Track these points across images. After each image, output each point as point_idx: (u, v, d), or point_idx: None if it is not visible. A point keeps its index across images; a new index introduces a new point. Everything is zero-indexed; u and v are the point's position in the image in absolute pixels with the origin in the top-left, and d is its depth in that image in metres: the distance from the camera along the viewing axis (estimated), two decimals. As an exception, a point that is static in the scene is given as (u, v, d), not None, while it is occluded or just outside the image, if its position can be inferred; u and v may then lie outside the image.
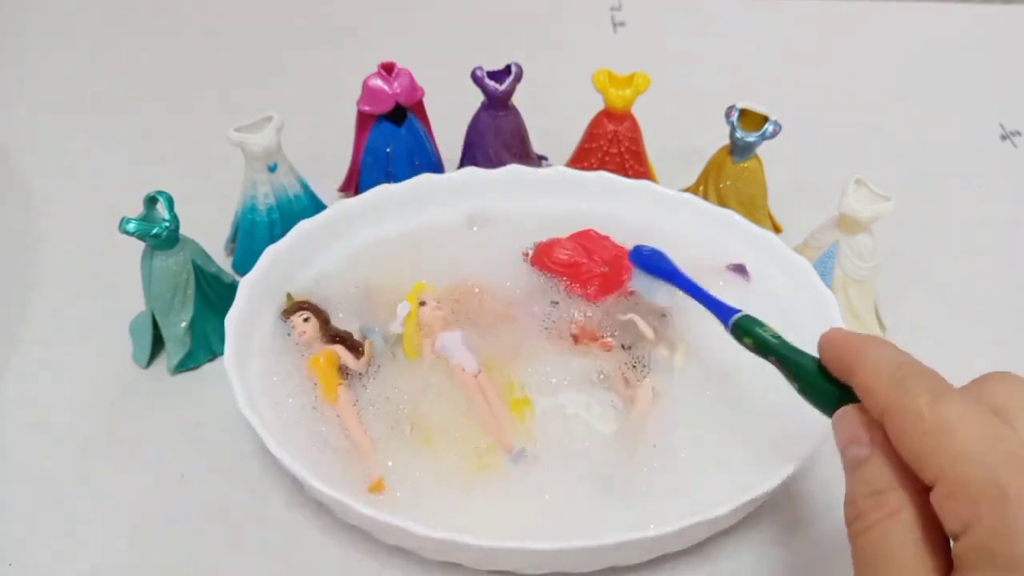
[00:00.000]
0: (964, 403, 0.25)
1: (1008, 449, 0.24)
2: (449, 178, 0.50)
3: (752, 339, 0.34)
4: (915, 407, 0.25)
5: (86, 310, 0.49)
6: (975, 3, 0.80)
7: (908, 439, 0.25)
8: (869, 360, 0.28)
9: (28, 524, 0.40)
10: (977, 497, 0.23)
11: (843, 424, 0.28)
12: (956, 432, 0.24)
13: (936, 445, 0.24)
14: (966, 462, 0.24)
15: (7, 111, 0.66)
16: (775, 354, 0.33)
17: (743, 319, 0.35)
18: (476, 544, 0.33)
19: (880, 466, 0.26)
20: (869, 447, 0.27)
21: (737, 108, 0.49)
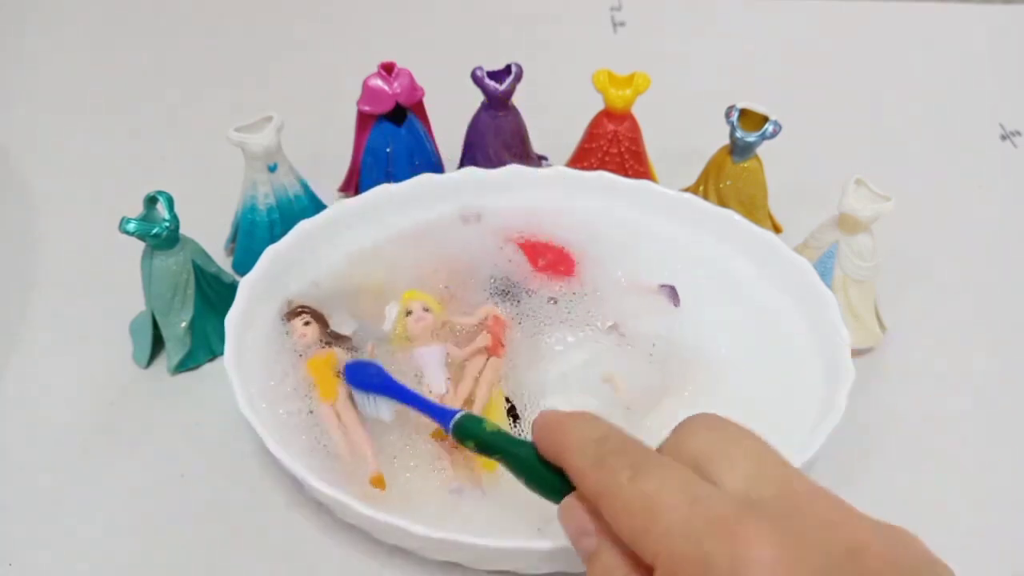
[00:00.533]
0: (662, 472, 0.25)
1: (708, 515, 0.24)
2: (449, 178, 0.50)
3: (474, 440, 0.33)
4: (618, 487, 0.25)
5: (86, 310, 0.49)
6: (975, 3, 0.80)
7: (619, 523, 0.25)
8: (573, 440, 0.28)
9: (28, 524, 0.40)
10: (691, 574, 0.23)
11: (567, 515, 0.28)
12: (657, 508, 0.24)
13: (644, 525, 0.24)
14: (672, 539, 0.24)
15: (7, 111, 0.66)
16: (498, 451, 0.32)
17: (464, 419, 0.34)
18: (476, 544, 0.34)
19: (610, 555, 0.26)
20: (596, 537, 0.26)
21: (737, 108, 0.49)
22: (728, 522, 0.23)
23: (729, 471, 0.25)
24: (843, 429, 0.38)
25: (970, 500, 0.41)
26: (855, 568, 0.23)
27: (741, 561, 0.22)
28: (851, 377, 0.40)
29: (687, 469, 0.26)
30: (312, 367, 0.42)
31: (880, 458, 0.43)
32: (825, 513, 0.24)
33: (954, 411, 0.45)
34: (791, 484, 0.25)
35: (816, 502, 0.25)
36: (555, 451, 0.29)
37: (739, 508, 0.24)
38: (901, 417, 0.45)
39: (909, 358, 0.48)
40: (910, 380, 0.47)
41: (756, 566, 0.22)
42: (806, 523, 0.24)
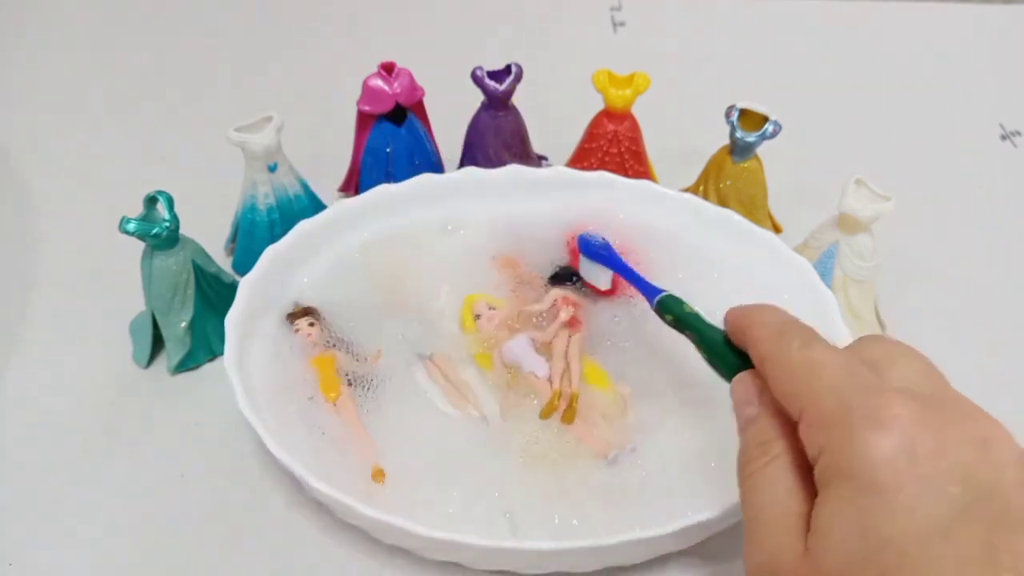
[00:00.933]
0: (828, 348, 0.28)
1: (860, 382, 0.26)
2: (449, 178, 0.50)
3: (673, 315, 0.37)
4: (786, 352, 0.28)
5: (86, 310, 0.49)
6: (975, 3, 0.80)
7: (780, 381, 0.28)
8: (758, 320, 0.31)
9: (28, 524, 0.40)
10: (829, 423, 0.25)
11: (738, 387, 0.31)
12: (818, 370, 0.27)
13: (801, 383, 0.27)
14: (824, 394, 0.26)
15: (7, 111, 0.66)
16: (691, 328, 0.36)
17: (666, 298, 0.38)
18: (476, 544, 0.34)
19: (767, 420, 0.29)
20: (759, 406, 0.29)
21: (737, 108, 0.49)
22: (878, 388, 0.26)
23: (894, 370, 0.27)
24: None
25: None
26: (984, 454, 0.24)
27: (880, 415, 0.24)
28: (851, 377, 0.40)
29: (852, 355, 0.28)
30: (316, 365, 0.42)
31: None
32: (971, 411, 0.26)
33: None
34: (947, 390, 0.28)
35: (965, 404, 0.27)
36: (742, 328, 0.32)
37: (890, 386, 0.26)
38: (901, 417, 0.45)
39: (909, 358, 0.48)
40: None
41: (893, 421, 0.24)
42: (951, 411, 0.25)
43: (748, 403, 0.30)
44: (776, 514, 0.26)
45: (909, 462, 0.23)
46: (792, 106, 0.53)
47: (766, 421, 0.29)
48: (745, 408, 0.30)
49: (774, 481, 0.27)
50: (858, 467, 0.24)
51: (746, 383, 0.30)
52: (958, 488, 0.23)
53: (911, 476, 0.23)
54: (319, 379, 0.41)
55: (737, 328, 0.32)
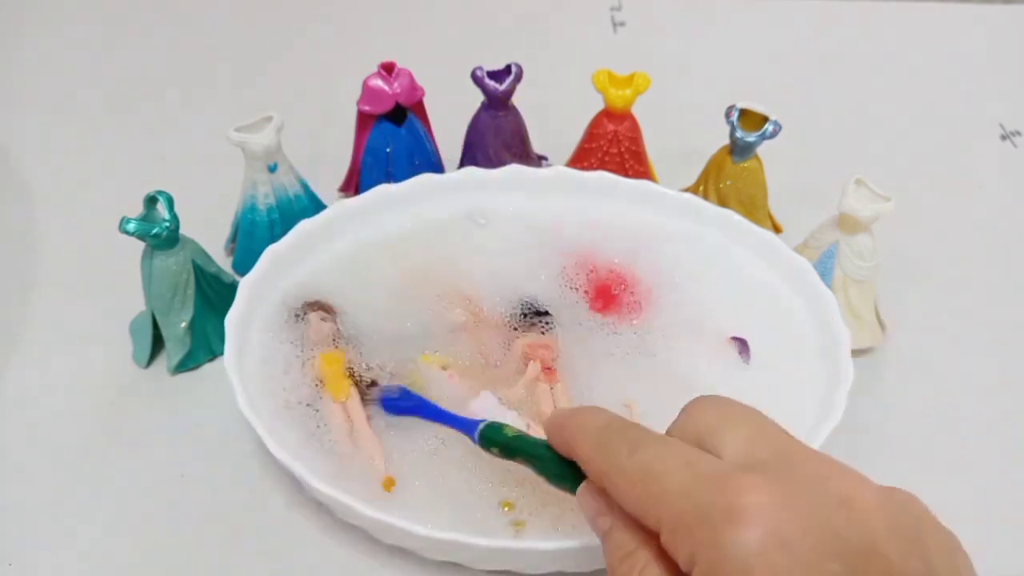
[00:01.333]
0: (658, 445, 0.27)
1: (701, 472, 0.25)
2: (449, 178, 0.50)
3: (497, 447, 0.34)
4: (618, 463, 0.27)
5: (86, 310, 0.49)
6: (975, 3, 0.80)
7: (623, 496, 0.27)
8: (577, 429, 0.29)
9: (28, 524, 0.40)
10: (689, 528, 0.24)
11: (584, 500, 0.29)
12: (655, 473, 0.26)
13: (644, 492, 0.26)
14: (671, 499, 0.25)
15: (7, 111, 0.66)
16: (520, 453, 0.33)
17: (487, 428, 0.35)
18: (476, 544, 0.34)
19: (622, 530, 0.27)
20: (610, 516, 0.28)
21: (737, 108, 0.49)
22: (722, 477, 0.24)
23: (729, 441, 0.26)
24: (843, 429, 0.38)
25: (970, 500, 0.41)
26: (849, 515, 0.23)
27: (736, 508, 0.23)
28: (851, 377, 0.40)
29: (684, 443, 0.27)
30: (325, 362, 0.42)
31: (880, 458, 0.43)
32: (820, 469, 0.25)
33: (954, 411, 0.45)
34: (788, 447, 0.26)
35: (811, 460, 0.26)
36: (565, 443, 0.30)
37: (734, 467, 0.25)
38: (901, 417, 0.45)
39: (909, 358, 0.48)
40: (910, 380, 0.47)
41: (750, 511, 0.23)
42: (800, 476, 0.24)
43: (599, 514, 0.28)
44: None
45: (782, 550, 0.22)
46: (792, 106, 0.53)
47: (623, 533, 0.27)
48: (597, 520, 0.28)
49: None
50: (733, 569, 0.23)
51: (588, 495, 0.29)
52: (837, 564, 0.22)
53: (788, 565, 0.22)
54: (326, 377, 0.41)
55: (560, 443, 0.31)
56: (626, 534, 0.27)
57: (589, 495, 0.29)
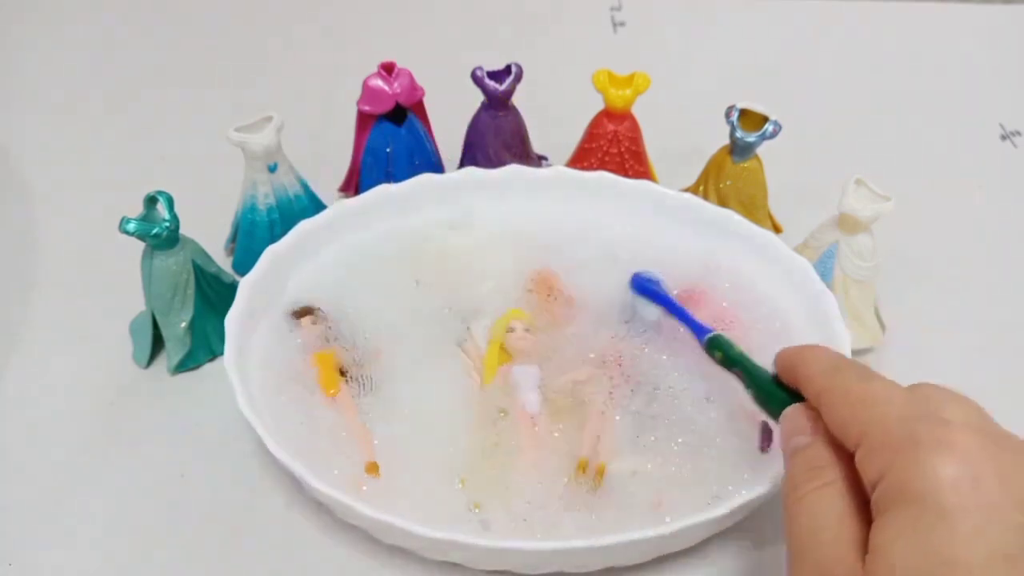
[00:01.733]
0: (888, 382, 0.29)
1: (924, 412, 0.27)
2: (449, 178, 0.50)
3: (721, 353, 0.38)
4: (844, 384, 0.29)
5: (86, 310, 0.49)
6: (975, 3, 0.80)
7: (838, 410, 0.28)
8: (810, 358, 0.32)
9: (28, 524, 0.40)
10: (895, 447, 0.25)
11: (788, 419, 0.31)
12: (878, 400, 0.28)
13: (861, 412, 0.28)
14: (886, 422, 0.27)
15: (7, 111, 0.66)
16: (739, 365, 0.37)
17: (715, 337, 0.39)
18: (476, 544, 0.34)
19: (820, 447, 0.29)
20: (811, 436, 0.30)
21: (737, 108, 0.49)
22: (943, 420, 0.26)
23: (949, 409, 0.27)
24: (843, 429, 0.38)
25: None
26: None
27: (946, 441, 0.25)
28: (851, 377, 0.40)
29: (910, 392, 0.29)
30: (317, 360, 0.42)
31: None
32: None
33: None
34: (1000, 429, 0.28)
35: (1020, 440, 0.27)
36: (794, 363, 0.32)
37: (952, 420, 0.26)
38: (901, 417, 0.45)
39: (909, 358, 0.48)
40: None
41: (957, 448, 0.24)
42: (1008, 444, 0.26)
43: (799, 433, 0.30)
44: (830, 538, 0.26)
45: (975, 488, 0.24)
46: (792, 106, 0.53)
47: (819, 448, 0.29)
48: (795, 438, 0.30)
49: (828, 505, 0.27)
50: (923, 490, 0.24)
51: (797, 415, 0.31)
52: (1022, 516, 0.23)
53: (977, 502, 0.23)
54: (319, 375, 0.41)
55: (789, 366, 0.33)
56: (822, 450, 0.28)
57: (796, 414, 0.31)
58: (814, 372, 0.31)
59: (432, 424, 0.40)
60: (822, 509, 0.27)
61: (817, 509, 0.27)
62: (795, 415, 0.31)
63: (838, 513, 0.27)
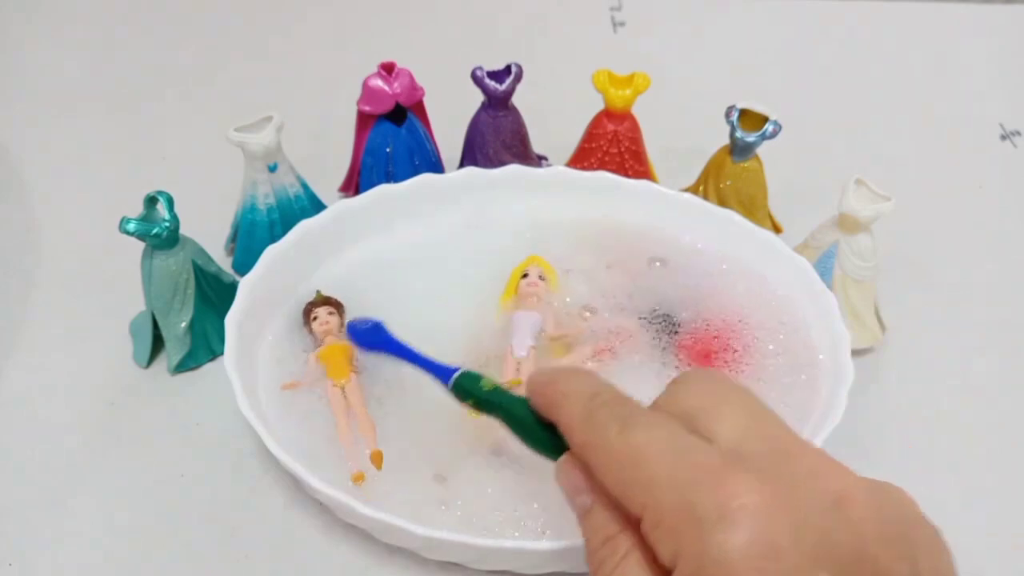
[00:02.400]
0: (650, 425, 0.25)
1: (694, 465, 0.24)
2: (449, 178, 0.50)
3: (473, 399, 0.33)
4: (606, 440, 0.25)
5: (86, 310, 0.49)
6: (975, 3, 0.80)
7: (607, 475, 0.25)
8: (563, 392, 0.28)
9: (28, 524, 0.40)
10: (677, 525, 0.23)
11: (563, 474, 0.28)
12: (645, 458, 0.24)
13: (631, 476, 0.24)
14: (659, 489, 0.24)
15: (7, 111, 0.66)
16: (496, 408, 0.32)
17: (461, 378, 0.33)
18: (476, 544, 0.34)
19: (603, 511, 0.26)
20: (590, 494, 0.26)
21: (737, 108, 0.49)
22: (714, 471, 0.23)
23: (720, 425, 0.25)
24: (843, 429, 0.38)
25: (970, 500, 0.41)
26: (840, 517, 0.23)
27: (727, 508, 0.22)
28: (851, 377, 0.40)
29: (677, 423, 0.26)
30: (330, 351, 0.42)
31: (880, 458, 0.43)
32: (814, 465, 0.24)
33: (954, 411, 0.45)
34: (781, 440, 0.25)
35: (806, 456, 0.25)
36: (547, 406, 0.29)
37: (726, 459, 0.24)
38: (901, 417, 0.45)
39: (909, 358, 0.48)
40: (910, 380, 0.47)
41: (741, 513, 0.22)
42: (794, 474, 0.24)
43: (578, 491, 0.27)
44: None
45: (772, 557, 0.22)
46: (792, 106, 0.53)
47: (604, 514, 0.26)
48: (577, 497, 0.27)
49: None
50: (719, 574, 0.22)
51: (570, 468, 0.27)
52: (826, 573, 0.22)
53: (777, 572, 0.21)
54: (329, 365, 0.42)
55: (542, 405, 0.29)
56: (608, 515, 0.26)
57: (570, 469, 0.27)
58: (570, 417, 0.27)
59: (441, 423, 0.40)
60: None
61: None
62: (568, 470, 0.27)
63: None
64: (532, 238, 0.49)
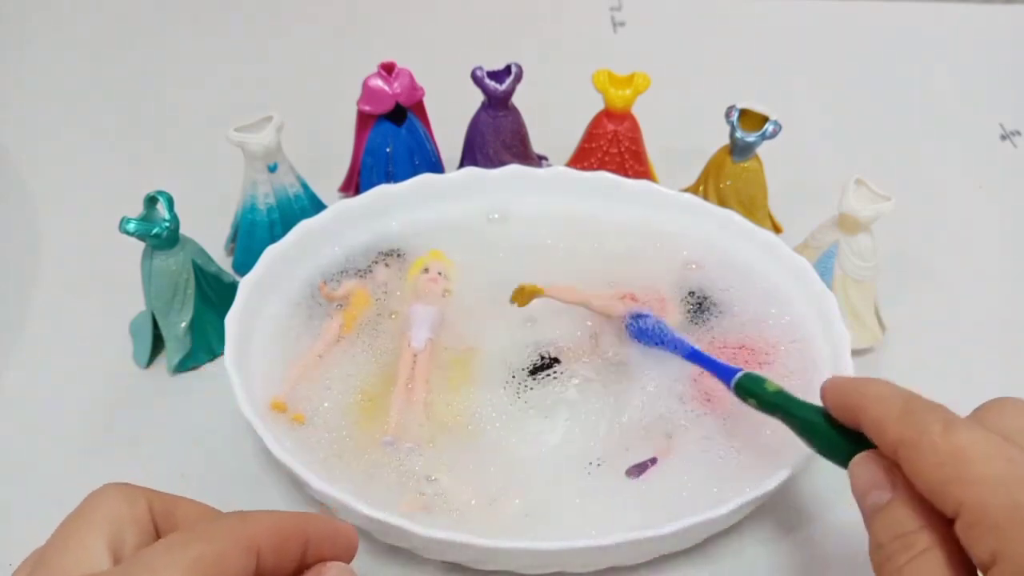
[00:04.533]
0: (975, 429, 0.25)
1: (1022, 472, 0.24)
2: (449, 178, 0.50)
3: (755, 399, 0.34)
4: (928, 438, 0.25)
5: (86, 310, 0.49)
6: (975, 3, 0.80)
7: (925, 471, 0.25)
8: (874, 398, 0.28)
9: (28, 524, 0.40)
10: (1001, 524, 0.23)
11: (861, 470, 0.28)
12: (971, 459, 0.24)
13: (953, 474, 0.24)
14: (985, 488, 0.24)
15: (7, 111, 0.66)
16: (780, 410, 0.33)
17: (744, 379, 0.35)
18: (476, 544, 0.34)
19: (904, 507, 0.26)
20: (891, 490, 0.27)
21: (737, 108, 0.49)
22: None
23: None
24: (843, 429, 0.38)
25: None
26: None
27: None
28: (851, 377, 0.40)
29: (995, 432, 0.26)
30: (360, 296, 0.45)
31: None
32: None
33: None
34: None
35: None
36: (852, 406, 0.29)
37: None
38: (901, 417, 0.45)
39: (909, 358, 0.48)
40: (910, 380, 0.46)
41: None
42: None
43: (876, 487, 0.27)
44: None
45: None
46: (792, 106, 0.53)
47: (903, 508, 0.26)
48: (873, 493, 0.27)
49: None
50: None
51: (870, 466, 0.28)
52: None
53: None
54: (352, 306, 0.44)
55: (844, 406, 0.29)
56: (907, 513, 0.26)
57: (871, 465, 0.28)
58: (883, 417, 0.27)
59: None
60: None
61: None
62: (867, 466, 0.28)
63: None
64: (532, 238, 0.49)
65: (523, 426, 0.40)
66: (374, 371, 0.42)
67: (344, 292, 0.45)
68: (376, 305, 0.45)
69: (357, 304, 0.45)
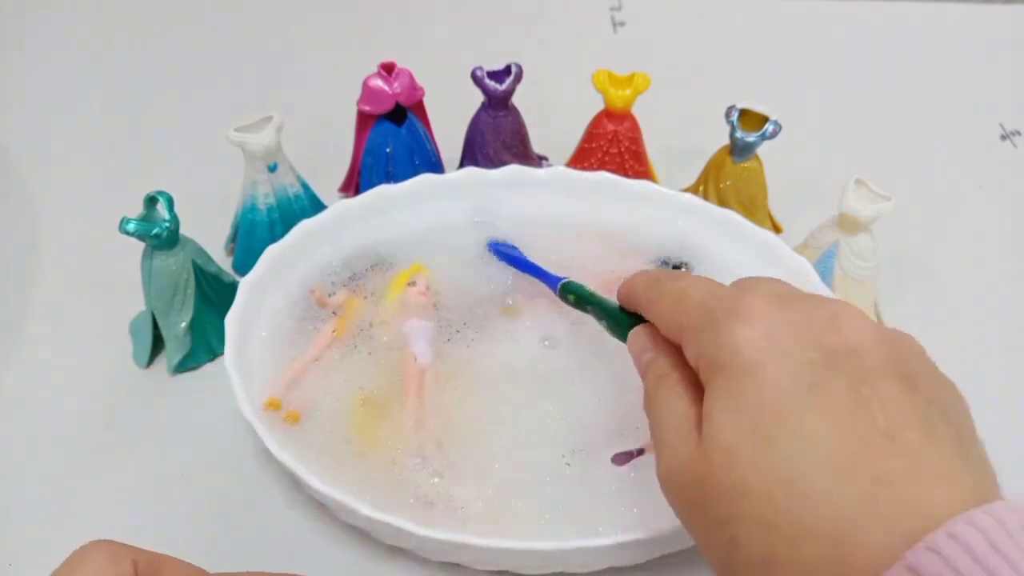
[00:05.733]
0: (694, 278, 0.33)
1: (721, 293, 0.30)
2: (449, 178, 0.50)
3: (574, 296, 0.41)
4: (660, 290, 0.33)
5: (86, 310, 0.49)
6: (975, 3, 0.80)
7: (661, 315, 0.32)
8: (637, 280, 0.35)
9: (28, 524, 0.40)
10: (699, 328, 0.29)
11: (634, 340, 0.34)
12: (687, 293, 0.31)
13: (676, 308, 0.31)
14: (693, 308, 0.30)
15: (7, 111, 0.66)
16: (590, 303, 0.40)
17: (567, 283, 0.42)
18: (476, 544, 0.34)
19: (662, 359, 0.32)
20: (654, 350, 0.32)
21: (737, 108, 0.49)
22: (734, 295, 0.29)
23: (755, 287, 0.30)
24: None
25: (970, 500, 0.41)
26: (833, 323, 0.27)
27: (737, 309, 0.28)
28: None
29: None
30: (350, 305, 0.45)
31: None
32: (819, 299, 0.29)
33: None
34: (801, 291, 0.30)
35: (814, 295, 0.29)
36: (628, 290, 0.36)
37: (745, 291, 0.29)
38: (901, 417, 0.45)
39: (909, 358, 0.48)
40: None
41: (749, 312, 0.27)
42: (800, 299, 0.29)
43: (644, 350, 0.33)
44: (675, 422, 0.29)
45: (768, 341, 0.26)
46: (792, 106, 0.53)
47: (662, 358, 0.31)
48: (642, 356, 0.33)
49: (673, 398, 0.29)
50: (728, 357, 0.27)
51: (640, 335, 0.34)
52: (816, 353, 0.26)
53: (772, 352, 0.26)
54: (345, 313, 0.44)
55: (625, 293, 0.36)
56: (664, 360, 0.31)
57: (639, 334, 0.34)
58: (639, 288, 0.34)
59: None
60: (669, 403, 0.30)
61: (665, 405, 0.30)
62: (638, 335, 0.34)
63: (679, 401, 0.29)
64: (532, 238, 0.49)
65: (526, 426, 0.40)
66: (372, 373, 0.42)
67: (337, 302, 0.45)
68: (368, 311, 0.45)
69: (350, 310, 0.45)
